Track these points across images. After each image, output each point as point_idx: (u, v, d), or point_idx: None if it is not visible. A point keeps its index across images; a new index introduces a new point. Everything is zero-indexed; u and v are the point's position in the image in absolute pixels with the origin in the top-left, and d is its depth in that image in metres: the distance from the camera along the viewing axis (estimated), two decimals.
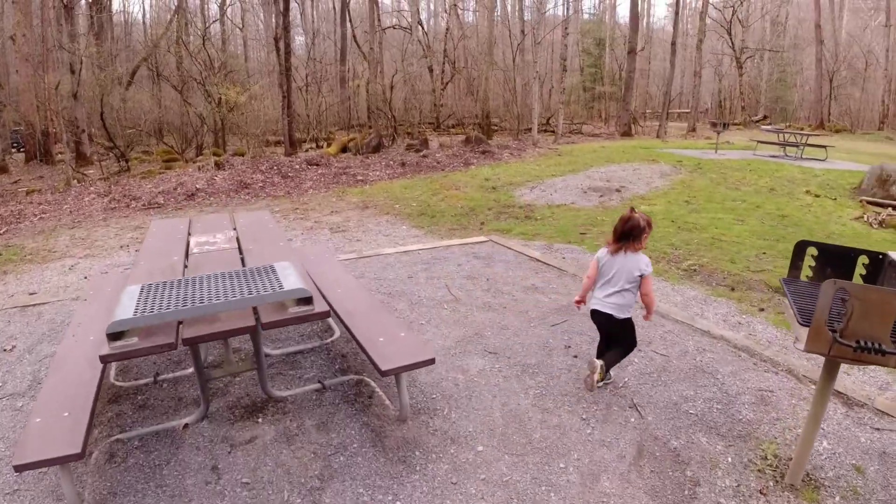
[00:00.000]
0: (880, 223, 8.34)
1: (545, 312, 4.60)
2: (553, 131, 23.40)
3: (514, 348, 3.92)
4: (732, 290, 5.59)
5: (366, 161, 14.69)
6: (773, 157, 14.67)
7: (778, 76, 38.72)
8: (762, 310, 5.12)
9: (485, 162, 14.42)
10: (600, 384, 3.38)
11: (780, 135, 15.73)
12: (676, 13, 24.07)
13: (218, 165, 13.01)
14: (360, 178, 12.80)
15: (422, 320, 4.41)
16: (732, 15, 31.16)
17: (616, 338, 3.35)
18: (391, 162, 14.38)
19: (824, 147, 14.74)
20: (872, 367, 3.66)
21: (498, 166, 13.74)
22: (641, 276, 3.16)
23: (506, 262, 5.95)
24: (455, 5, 29.58)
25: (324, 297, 3.21)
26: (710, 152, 15.17)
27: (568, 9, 22.34)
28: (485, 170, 13.20)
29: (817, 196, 10.18)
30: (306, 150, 19.40)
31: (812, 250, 2.66)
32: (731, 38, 32.11)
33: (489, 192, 10.68)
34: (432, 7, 39.51)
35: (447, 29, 29.21)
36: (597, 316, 3.31)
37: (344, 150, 17.44)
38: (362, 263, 5.90)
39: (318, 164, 13.89)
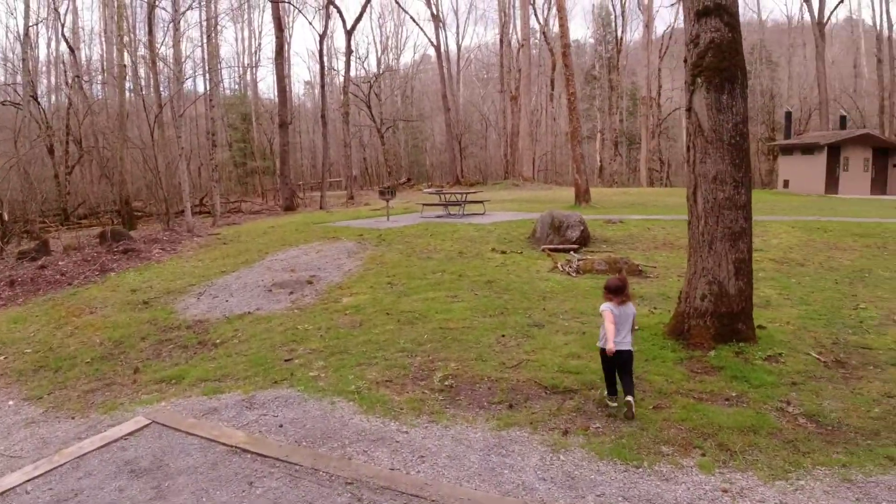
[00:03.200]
0: (577, 271, 8.44)
1: None
2: (209, 213, 20.60)
3: None
4: (511, 407, 4.35)
5: None
6: (439, 216, 15.03)
7: (413, 143, 43.30)
8: (566, 433, 3.92)
9: (129, 264, 11.06)
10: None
11: (442, 195, 16.39)
12: (322, 87, 24.28)
13: None
14: None
15: None
16: (370, 90, 33.39)
17: (625, 367, 4.10)
18: None
19: (482, 202, 15.79)
20: None
21: (148, 268, 10.62)
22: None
23: (192, 474, 3.30)
24: (77, 77, 24.51)
25: None
26: (382, 220, 14.76)
27: (207, 82, 20.25)
28: (130, 276, 9.99)
29: (504, 252, 10.21)
30: None
31: None
32: (370, 111, 34.31)
33: (140, 311, 7.77)
34: (52, 81, 32.02)
35: (70, 104, 23.98)
36: (622, 355, 4.08)
37: None
38: None
39: None
